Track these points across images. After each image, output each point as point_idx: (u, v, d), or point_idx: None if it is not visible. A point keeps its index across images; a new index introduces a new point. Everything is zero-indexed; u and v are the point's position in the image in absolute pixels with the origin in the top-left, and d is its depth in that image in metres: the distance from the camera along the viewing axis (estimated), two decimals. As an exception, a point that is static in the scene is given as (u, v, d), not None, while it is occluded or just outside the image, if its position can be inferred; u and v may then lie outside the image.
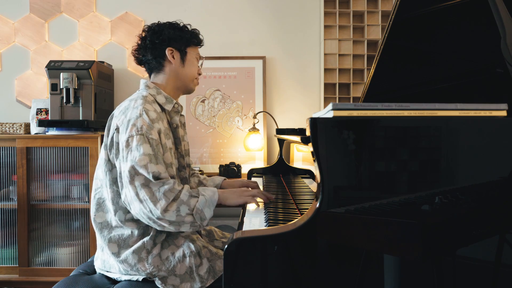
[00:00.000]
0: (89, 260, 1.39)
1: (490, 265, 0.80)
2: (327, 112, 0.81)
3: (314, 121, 0.78)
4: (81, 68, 2.10)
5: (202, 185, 1.53)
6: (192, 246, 1.19)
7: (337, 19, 2.41)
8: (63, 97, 2.11)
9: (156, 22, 1.33)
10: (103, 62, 2.33)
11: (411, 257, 0.79)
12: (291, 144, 1.86)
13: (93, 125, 2.12)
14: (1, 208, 2.12)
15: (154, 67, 1.31)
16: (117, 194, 1.18)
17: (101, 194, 1.23)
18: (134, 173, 1.08)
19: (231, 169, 2.23)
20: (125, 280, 1.18)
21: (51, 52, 2.53)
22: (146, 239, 1.16)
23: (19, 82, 2.54)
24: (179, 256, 1.17)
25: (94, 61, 2.15)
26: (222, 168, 2.26)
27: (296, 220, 0.82)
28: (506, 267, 0.80)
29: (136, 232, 1.17)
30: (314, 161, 0.80)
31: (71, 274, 1.28)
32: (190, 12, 2.51)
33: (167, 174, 1.12)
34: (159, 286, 1.14)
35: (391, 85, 1.49)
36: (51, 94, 2.13)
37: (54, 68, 2.10)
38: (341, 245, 0.80)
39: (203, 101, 2.48)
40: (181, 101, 2.36)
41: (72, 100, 2.09)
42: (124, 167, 1.10)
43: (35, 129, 2.28)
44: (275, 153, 2.49)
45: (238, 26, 2.52)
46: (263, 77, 2.47)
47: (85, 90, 2.14)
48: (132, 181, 1.08)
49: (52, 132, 2.11)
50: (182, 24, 1.34)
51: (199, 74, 1.38)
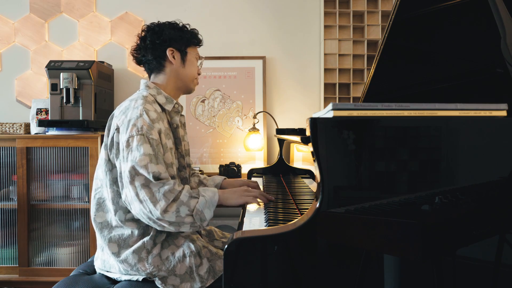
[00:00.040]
0: (89, 260, 1.39)
1: (490, 265, 0.80)
2: (327, 112, 0.81)
3: (314, 121, 0.78)
4: (81, 68, 2.10)
5: (202, 185, 1.53)
6: (192, 246, 1.19)
7: (337, 19, 2.41)
8: (63, 97, 2.11)
9: (156, 22, 1.32)
10: (103, 62, 2.33)
11: (411, 257, 0.79)
12: (291, 144, 1.86)
13: (93, 125, 2.12)
14: (1, 208, 2.12)
15: (154, 68, 1.31)
16: (117, 194, 1.18)
17: (101, 194, 1.23)
18: (135, 173, 1.08)
19: (231, 169, 2.23)
20: (125, 280, 1.18)
21: (51, 52, 2.53)
22: (146, 239, 1.16)
23: (19, 82, 2.54)
24: (179, 256, 1.17)
25: (94, 61, 2.15)
26: (222, 168, 2.26)
27: (296, 220, 0.82)
28: (506, 267, 0.80)
29: (136, 232, 1.17)
30: (314, 161, 0.80)
31: (71, 274, 1.28)
32: (190, 12, 2.51)
33: (167, 174, 1.12)
34: (159, 286, 1.14)
35: (391, 85, 1.49)
36: (51, 94, 2.13)
37: (54, 68, 2.10)
38: (341, 245, 0.80)
39: (203, 101, 2.48)
40: (181, 101, 2.36)
41: (72, 100, 2.10)
42: (125, 167, 1.10)
43: (35, 129, 2.28)
44: (275, 153, 2.49)
45: (238, 26, 2.52)
46: (263, 77, 2.47)
47: (85, 90, 2.14)
48: (132, 181, 1.08)
49: (52, 132, 2.11)
50: (182, 24, 1.34)
51: (198, 74, 1.38)
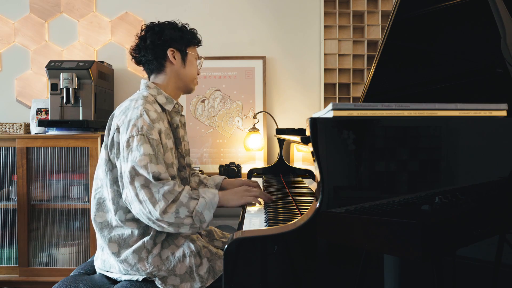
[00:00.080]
0: (89, 260, 1.39)
1: (490, 265, 0.80)
2: (327, 112, 0.81)
3: (314, 121, 0.78)
4: (81, 68, 2.10)
5: (202, 184, 1.53)
6: (192, 246, 1.19)
7: (337, 19, 2.41)
8: (63, 97, 2.11)
9: (155, 22, 1.32)
10: (103, 62, 2.33)
11: (411, 257, 0.79)
12: (291, 144, 1.86)
13: (93, 125, 2.12)
14: (1, 208, 2.12)
15: (154, 68, 1.30)
16: (117, 194, 1.18)
17: (102, 194, 1.23)
18: (135, 173, 1.08)
19: (231, 169, 2.23)
20: (125, 280, 1.18)
21: (51, 52, 2.53)
22: (146, 239, 1.16)
23: (19, 82, 2.54)
24: (179, 256, 1.17)
25: (94, 61, 2.15)
26: (222, 168, 2.26)
27: (296, 220, 0.82)
28: (506, 267, 0.80)
29: (136, 232, 1.17)
30: (314, 161, 0.80)
31: (71, 274, 1.28)
32: (190, 12, 2.51)
33: (167, 174, 1.12)
34: (159, 286, 1.14)
35: (391, 85, 1.49)
36: (51, 94, 2.13)
37: (54, 68, 2.10)
38: (341, 245, 0.80)
39: (203, 101, 2.48)
40: (181, 101, 2.36)
41: (72, 100, 2.09)
42: (125, 167, 1.10)
43: (35, 129, 2.28)
44: (275, 153, 2.49)
45: (238, 26, 2.52)
46: (263, 77, 2.47)
47: (85, 90, 2.14)
48: (132, 181, 1.08)
49: (52, 132, 2.12)
50: (181, 24, 1.34)
51: (197, 73, 1.38)
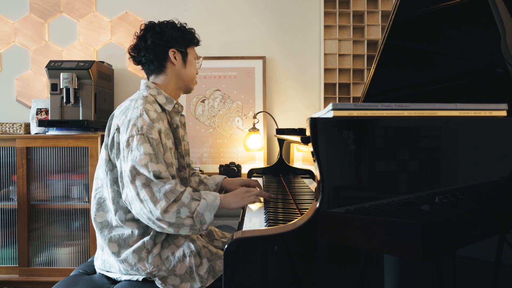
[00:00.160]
0: (89, 260, 1.39)
1: (490, 265, 0.80)
2: (327, 112, 0.81)
3: (314, 121, 0.78)
4: (81, 68, 2.10)
5: (202, 184, 1.53)
6: (192, 246, 1.19)
7: (337, 19, 2.41)
8: (63, 97, 2.11)
9: (155, 22, 1.30)
10: (103, 62, 2.33)
11: (411, 257, 0.79)
12: (291, 144, 1.86)
13: (93, 125, 2.12)
14: (1, 208, 2.12)
15: (155, 68, 1.29)
16: (117, 193, 1.18)
17: (102, 193, 1.23)
18: (135, 172, 1.08)
19: (231, 169, 2.23)
20: (125, 280, 1.18)
21: (51, 52, 2.53)
22: (146, 238, 1.16)
23: (19, 82, 2.54)
24: (179, 256, 1.17)
25: (94, 61, 2.15)
26: (222, 168, 2.26)
27: (296, 220, 0.82)
28: (506, 267, 0.80)
29: (136, 232, 1.17)
30: (314, 161, 0.80)
31: (71, 274, 1.28)
32: (190, 12, 2.51)
33: (167, 173, 1.12)
34: (159, 286, 1.14)
35: (391, 85, 1.49)
36: (51, 94, 2.13)
37: (54, 68, 2.10)
38: (341, 245, 0.80)
39: (203, 101, 2.48)
40: (181, 101, 2.36)
41: (72, 100, 2.10)
42: (125, 167, 1.10)
43: (35, 129, 2.28)
44: (275, 153, 2.49)
45: (238, 26, 2.52)
46: (263, 77, 2.47)
47: (85, 90, 2.14)
48: (133, 180, 1.08)
49: (52, 132, 2.11)
50: (180, 24, 1.33)
51: (196, 73, 1.38)
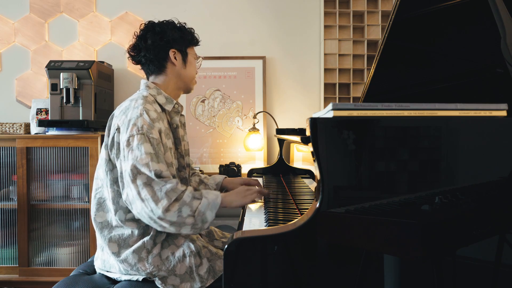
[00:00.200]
0: (89, 260, 1.39)
1: (490, 265, 0.80)
2: (327, 112, 0.81)
3: (314, 121, 0.78)
4: (81, 68, 2.10)
5: (202, 184, 1.53)
6: (192, 246, 1.19)
7: (337, 19, 2.41)
8: (63, 97, 2.11)
9: (155, 22, 1.30)
10: (103, 62, 2.33)
11: (411, 257, 0.79)
12: (291, 144, 1.86)
13: (93, 125, 2.12)
14: (1, 208, 2.12)
15: (155, 68, 1.29)
16: (117, 193, 1.18)
17: (102, 193, 1.23)
18: (136, 172, 1.08)
19: (231, 169, 2.23)
20: (125, 280, 1.18)
21: (51, 52, 2.53)
22: (146, 238, 1.16)
23: (19, 82, 2.54)
24: (179, 256, 1.17)
25: (94, 61, 2.15)
26: (222, 168, 2.26)
27: (296, 220, 0.82)
28: (506, 267, 0.80)
29: (136, 232, 1.17)
30: (314, 161, 0.80)
31: (71, 274, 1.28)
32: (190, 12, 2.51)
33: (168, 173, 1.12)
34: (159, 286, 1.14)
35: (391, 85, 1.49)
36: (51, 94, 2.13)
37: (54, 68, 2.10)
38: (341, 245, 0.80)
39: (203, 101, 2.48)
40: (181, 101, 2.36)
41: (72, 100, 2.10)
42: (126, 167, 1.10)
43: (35, 129, 2.28)
44: (275, 153, 2.49)
45: (238, 26, 2.52)
46: (263, 77, 2.47)
47: (85, 90, 2.14)
48: (134, 180, 1.08)
49: (52, 132, 2.11)
50: (179, 24, 1.33)
51: (196, 73, 1.38)
